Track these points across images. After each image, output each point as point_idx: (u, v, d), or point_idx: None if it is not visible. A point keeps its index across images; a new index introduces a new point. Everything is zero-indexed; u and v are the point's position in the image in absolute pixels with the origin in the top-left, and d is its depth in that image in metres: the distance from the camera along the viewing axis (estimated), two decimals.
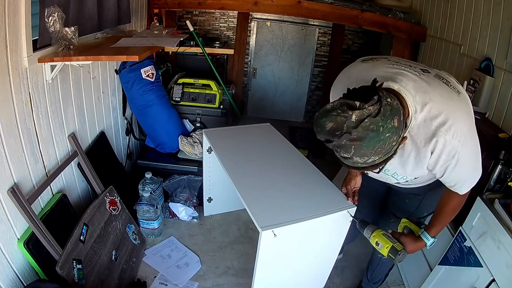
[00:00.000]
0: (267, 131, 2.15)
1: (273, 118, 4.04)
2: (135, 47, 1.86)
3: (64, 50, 1.51)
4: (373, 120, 0.81)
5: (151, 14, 2.75)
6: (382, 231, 1.25)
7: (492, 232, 1.34)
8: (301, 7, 2.74)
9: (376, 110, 0.81)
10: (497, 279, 1.29)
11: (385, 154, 0.88)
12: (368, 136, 0.82)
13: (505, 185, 1.49)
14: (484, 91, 1.96)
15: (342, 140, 0.83)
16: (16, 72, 1.29)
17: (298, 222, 1.34)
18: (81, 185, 1.91)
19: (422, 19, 2.84)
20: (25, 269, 1.41)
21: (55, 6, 1.38)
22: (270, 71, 4.06)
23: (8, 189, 1.29)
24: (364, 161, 0.88)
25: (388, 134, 0.84)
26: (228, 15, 3.78)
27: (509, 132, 1.75)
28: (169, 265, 1.95)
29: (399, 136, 0.87)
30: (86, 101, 1.91)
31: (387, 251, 1.20)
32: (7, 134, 1.27)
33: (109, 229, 1.74)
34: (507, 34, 1.85)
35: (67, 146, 1.73)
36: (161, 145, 2.49)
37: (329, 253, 1.64)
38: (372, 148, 0.84)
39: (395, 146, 0.88)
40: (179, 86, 2.67)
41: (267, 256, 1.38)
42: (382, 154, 0.87)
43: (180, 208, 2.27)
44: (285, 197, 1.50)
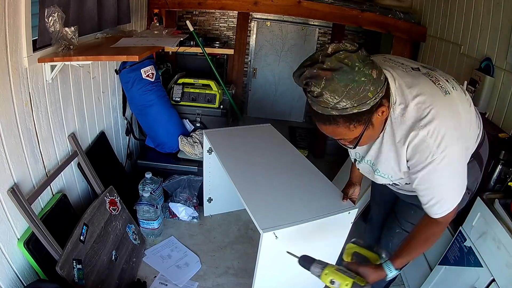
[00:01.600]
0: (268, 132, 2.15)
1: (273, 118, 4.04)
2: (135, 47, 1.86)
3: (64, 50, 1.51)
4: (348, 54, 0.79)
5: (151, 14, 2.75)
6: (334, 266, 1.04)
7: (492, 232, 1.34)
8: (301, 7, 2.74)
9: (355, 49, 0.80)
10: (497, 279, 1.29)
11: (359, 102, 0.82)
12: (341, 68, 0.78)
13: (505, 185, 1.50)
14: (484, 91, 1.96)
15: (314, 69, 0.81)
16: (16, 72, 1.29)
17: (299, 224, 1.34)
18: (81, 185, 1.91)
19: (422, 19, 2.84)
20: (25, 269, 1.41)
21: (55, 6, 1.38)
22: (270, 71, 4.06)
23: (8, 189, 1.29)
24: (334, 103, 0.82)
25: (363, 78, 0.80)
26: (228, 15, 3.78)
27: (509, 132, 1.75)
28: (169, 265, 1.95)
29: (376, 90, 0.83)
30: (86, 101, 1.91)
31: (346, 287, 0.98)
32: (7, 134, 1.27)
33: (109, 229, 1.74)
34: (507, 34, 1.85)
35: (67, 146, 1.73)
36: (161, 145, 2.49)
37: (330, 254, 1.64)
38: (344, 85, 0.79)
39: (370, 99, 0.82)
40: (179, 86, 2.67)
41: (268, 257, 1.38)
42: (354, 101, 0.81)
43: (180, 208, 2.27)
44: (285, 198, 1.50)
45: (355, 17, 2.75)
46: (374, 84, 0.82)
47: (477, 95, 2.01)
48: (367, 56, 0.83)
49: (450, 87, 0.97)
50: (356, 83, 0.80)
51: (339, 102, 0.81)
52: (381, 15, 2.75)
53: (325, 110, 0.84)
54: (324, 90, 0.81)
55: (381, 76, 0.86)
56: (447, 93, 0.94)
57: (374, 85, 0.82)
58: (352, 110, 0.83)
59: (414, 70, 1.00)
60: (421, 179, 0.96)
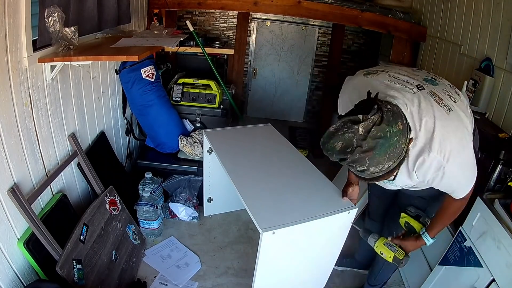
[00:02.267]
0: (268, 132, 2.15)
1: (273, 118, 4.04)
2: (135, 47, 1.86)
3: (64, 50, 1.51)
4: (378, 128, 0.85)
5: (151, 14, 2.75)
6: (384, 239, 1.32)
7: (492, 232, 1.34)
8: (301, 7, 2.74)
9: (379, 118, 0.85)
10: (497, 279, 1.29)
11: (398, 157, 0.92)
12: (378, 144, 0.86)
13: (505, 185, 1.49)
14: (484, 91, 1.96)
15: (355, 154, 0.87)
16: (16, 72, 1.29)
17: (299, 223, 1.34)
18: (81, 185, 1.91)
19: (422, 19, 2.84)
20: (25, 269, 1.41)
21: (55, 6, 1.38)
22: (270, 71, 4.06)
23: (8, 189, 1.29)
24: (380, 169, 0.91)
25: (396, 137, 0.88)
26: (228, 15, 3.78)
27: (509, 132, 1.75)
28: (169, 265, 1.95)
29: (406, 138, 0.92)
30: (86, 101, 1.91)
31: (391, 260, 1.30)
32: (7, 134, 1.27)
33: (109, 229, 1.74)
34: (507, 34, 1.85)
35: (67, 146, 1.73)
36: (161, 145, 2.49)
37: (329, 254, 1.64)
38: (384, 154, 0.88)
39: (404, 148, 0.92)
40: (179, 86, 2.67)
41: (268, 257, 1.38)
42: (395, 158, 0.91)
43: (180, 208, 2.27)
44: (285, 198, 1.50)
45: (355, 17, 2.75)
46: (404, 134, 0.90)
47: (477, 95, 2.01)
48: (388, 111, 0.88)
49: (451, 102, 1.05)
50: (392, 146, 0.88)
51: (383, 167, 0.91)
52: (381, 15, 2.75)
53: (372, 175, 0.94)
54: (369, 166, 0.89)
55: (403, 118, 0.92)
56: (450, 110, 1.02)
57: (404, 135, 0.90)
58: (394, 164, 0.93)
59: (419, 89, 1.05)
60: (437, 184, 1.08)
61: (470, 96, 2.03)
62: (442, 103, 1.02)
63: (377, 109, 0.85)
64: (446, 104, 1.02)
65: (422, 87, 1.05)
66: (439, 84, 1.11)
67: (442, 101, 1.03)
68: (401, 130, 0.89)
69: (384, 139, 0.86)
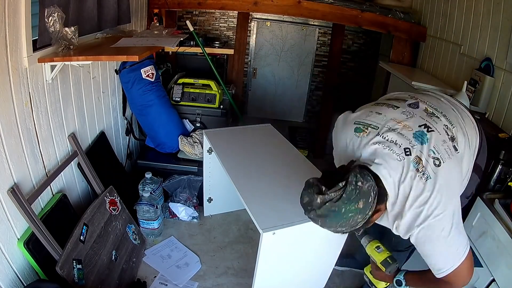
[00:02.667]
0: (267, 132, 2.15)
1: (273, 118, 4.04)
2: (135, 47, 1.86)
3: (64, 50, 1.51)
4: (334, 204, 0.94)
5: (151, 14, 2.75)
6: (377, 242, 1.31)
7: (492, 232, 1.34)
8: (301, 7, 2.74)
9: (338, 196, 0.94)
10: (497, 279, 1.29)
11: (351, 227, 1.00)
12: (330, 215, 0.96)
13: (505, 185, 1.50)
14: (484, 91, 1.96)
15: (311, 214, 1.00)
16: (16, 72, 1.29)
17: (299, 224, 1.34)
18: (81, 185, 1.91)
19: (422, 19, 2.84)
20: (25, 269, 1.41)
21: (55, 6, 1.38)
22: (270, 71, 4.06)
23: (8, 189, 1.29)
24: (333, 230, 1.02)
25: (350, 214, 0.96)
26: (228, 15, 3.78)
27: (509, 132, 1.75)
28: (169, 265, 1.94)
29: (365, 214, 0.98)
30: (86, 101, 1.91)
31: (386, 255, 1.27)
32: (7, 134, 1.27)
33: (109, 229, 1.74)
34: (507, 34, 1.85)
35: (67, 146, 1.73)
36: (161, 145, 2.49)
37: (329, 254, 1.64)
38: (336, 223, 0.98)
39: (360, 221, 0.99)
40: (179, 86, 2.67)
41: (268, 257, 1.38)
42: (347, 227, 1.00)
43: (180, 208, 2.27)
44: (286, 198, 1.50)
45: (355, 17, 2.75)
46: (362, 212, 0.97)
47: (477, 95, 2.01)
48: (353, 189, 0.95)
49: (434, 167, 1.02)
50: (345, 219, 0.96)
51: (336, 229, 1.01)
52: (381, 15, 2.75)
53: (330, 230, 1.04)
54: (323, 226, 1.01)
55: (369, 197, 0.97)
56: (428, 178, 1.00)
57: (362, 212, 0.97)
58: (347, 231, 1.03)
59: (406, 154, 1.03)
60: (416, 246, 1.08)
61: (470, 96, 2.03)
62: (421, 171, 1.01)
63: (340, 187, 0.95)
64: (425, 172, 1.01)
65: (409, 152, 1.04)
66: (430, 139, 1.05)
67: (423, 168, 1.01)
68: (360, 209, 0.96)
69: (337, 213, 0.95)
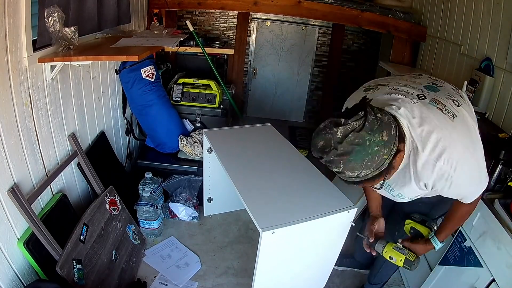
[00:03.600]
0: (267, 131, 2.15)
1: (273, 118, 4.04)
2: (135, 47, 1.86)
3: (64, 50, 1.51)
4: (357, 134, 0.84)
5: (151, 14, 2.75)
6: (392, 244, 1.30)
7: (492, 232, 1.34)
8: (301, 7, 2.74)
9: (361, 125, 0.85)
10: (497, 279, 1.29)
11: (377, 167, 0.90)
12: (354, 150, 0.85)
13: (505, 185, 1.49)
14: (484, 91, 1.96)
15: (331, 156, 0.88)
16: (16, 72, 1.29)
17: (299, 223, 1.34)
18: (81, 185, 1.91)
19: (422, 19, 2.84)
20: (25, 269, 1.41)
21: (55, 6, 1.38)
22: (270, 71, 4.06)
23: (8, 189, 1.29)
24: (356, 175, 0.90)
25: (376, 147, 0.86)
26: (228, 15, 3.78)
27: (509, 132, 1.75)
28: (169, 265, 1.94)
29: (390, 149, 0.89)
30: (86, 101, 1.91)
31: (402, 263, 1.28)
32: (7, 134, 1.27)
33: (109, 229, 1.74)
34: (507, 34, 1.85)
35: (67, 146, 1.73)
36: (161, 145, 2.49)
37: (329, 254, 1.64)
38: (360, 161, 0.87)
39: (386, 159, 0.89)
40: (179, 86, 2.67)
41: (268, 256, 1.38)
42: (373, 168, 0.89)
43: (180, 208, 2.27)
44: (285, 197, 1.50)
45: (355, 17, 2.75)
46: (387, 146, 0.88)
47: (477, 95, 2.01)
48: (375, 119, 0.86)
49: (455, 106, 1.02)
50: (370, 155, 0.87)
51: (360, 173, 0.90)
52: (381, 15, 2.76)
53: (350, 179, 0.94)
54: (344, 169, 0.89)
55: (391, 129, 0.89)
56: (454, 116, 0.99)
57: (387, 146, 0.88)
58: (373, 174, 0.91)
59: (420, 99, 1.02)
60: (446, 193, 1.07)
61: (470, 96, 2.03)
62: (446, 110, 0.99)
63: (361, 116, 0.85)
64: (449, 110, 1.00)
65: (423, 96, 1.02)
66: (441, 90, 1.08)
67: (445, 107, 1.00)
68: (385, 141, 0.87)
69: (361, 146, 0.85)
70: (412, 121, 0.97)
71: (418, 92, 1.05)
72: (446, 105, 1.01)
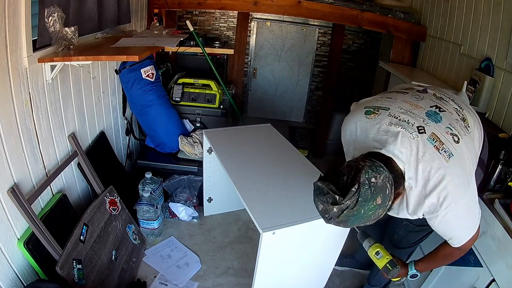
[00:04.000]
0: (267, 132, 2.15)
1: (273, 118, 4.04)
2: (135, 47, 1.86)
3: (64, 50, 1.51)
4: (351, 210, 0.91)
5: (151, 14, 2.75)
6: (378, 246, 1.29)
7: (492, 232, 1.34)
8: (301, 7, 2.74)
9: (354, 202, 0.90)
10: (497, 279, 1.29)
11: (375, 219, 0.97)
12: (350, 219, 0.93)
13: (505, 185, 1.50)
14: (484, 91, 1.96)
15: (331, 222, 0.97)
16: (16, 72, 1.29)
17: (299, 224, 1.34)
18: (81, 185, 1.91)
19: (422, 19, 2.84)
20: (25, 269, 1.41)
21: (55, 6, 1.38)
22: (270, 71, 4.06)
23: (8, 189, 1.29)
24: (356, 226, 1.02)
25: (370, 212, 0.92)
26: (228, 15, 3.78)
27: (509, 132, 1.75)
28: (169, 265, 1.95)
29: (386, 206, 0.95)
30: (86, 101, 1.91)
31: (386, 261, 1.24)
32: (7, 134, 1.27)
33: (109, 229, 1.74)
34: (507, 34, 1.85)
35: (67, 146, 1.73)
36: (161, 145, 2.49)
37: (329, 254, 1.64)
38: (358, 223, 0.95)
39: (382, 213, 0.96)
40: (179, 86, 2.67)
41: (268, 257, 1.38)
42: (371, 221, 0.97)
43: (180, 208, 2.27)
44: (285, 198, 1.50)
45: (355, 17, 2.75)
46: (382, 206, 0.94)
47: (477, 95, 2.01)
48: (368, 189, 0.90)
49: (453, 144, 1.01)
50: (366, 217, 0.93)
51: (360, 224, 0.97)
52: (381, 15, 2.75)
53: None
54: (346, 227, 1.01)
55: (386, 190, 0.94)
56: (450, 155, 0.99)
57: (382, 207, 0.94)
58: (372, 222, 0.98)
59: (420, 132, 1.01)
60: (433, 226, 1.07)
61: (470, 96, 2.03)
62: (443, 149, 0.99)
63: (354, 192, 0.90)
64: (446, 149, 0.99)
65: (423, 130, 1.01)
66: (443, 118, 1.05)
67: (442, 145, 0.99)
68: (379, 205, 0.93)
69: (357, 216, 0.92)
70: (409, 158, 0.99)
71: (418, 123, 1.03)
72: (444, 144, 1.00)
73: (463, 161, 1.02)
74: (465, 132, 1.07)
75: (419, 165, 0.98)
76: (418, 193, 1.01)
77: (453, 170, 0.99)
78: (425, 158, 0.98)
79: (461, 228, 1.07)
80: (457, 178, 0.99)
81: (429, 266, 1.27)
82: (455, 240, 1.09)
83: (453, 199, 0.98)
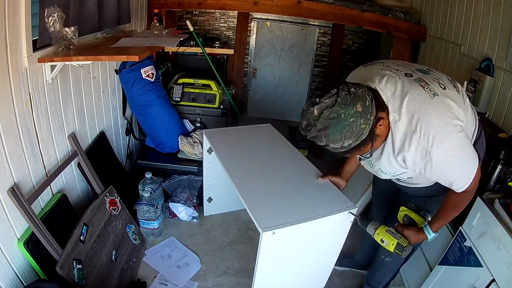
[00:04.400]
0: (267, 132, 2.15)
1: (273, 118, 4.04)
2: (135, 47, 1.86)
3: (64, 50, 1.51)
4: (331, 110, 0.95)
5: (151, 14, 2.75)
6: (385, 227, 1.29)
7: (492, 232, 1.34)
8: (301, 7, 2.74)
9: (333, 101, 0.95)
10: (497, 279, 1.29)
11: (357, 137, 0.98)
12: (331, 124, 0.95)
13: (505, 185, 1.50)
14: (484, 91, 1.96)
15: (312, 132, 0.99)
16: (16, 72, 1.29)
17: (299, 223, 1.34)
18: (81, 185, 1.91)
19: (422, 19, 2.84)
20: (25, 269, 1.41)
21: (55, 6, 1.38)
22: (270, 71, 4.06)
23: (8, 189, 1.29)
24: (339, 146, 1.00)
25: (351, 119, 0.95)
26: (228, 15, 3.78)
27: (509, 132, 1.75)
28: (169, 265, 1.95)
29: (367, 118, 0.97)
30: (86, 101, 1.91)
31: (393, 247, 1.24)
32: (7, 134, 1.27)
33: (109, 229, 1.74)
34: (507, 34, 1.85)
35: (67, 146, 1.73)
36: (161, 145, 2.49)
37: (329, 254, 1.64)
38: (339, 133, 0.96)
39: (365, 128, 0.97)
40: (179, 86, 2.67)
41: (268, 257, 1.38)
42: (354, 137, 0.98)
43: (180, 208, 2.27)
44: (285, 198, 1.50)
45: (355, 17, 2.75)
46: (363, 116, 0.96)
47: (477, 95, 2.01)
48: (348, 94, 0.95)
49: (439, 88, 1.05)
50: (348, 126, 0.95)
51: (343, 144, 0.99)
52: (381, 15, 2.75)
53: (336, 150, 1.03)
54: (327, 142, 1.00)
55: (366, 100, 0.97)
56: (435, 94, 1.02)
57: (363, 116, 0.96)
58: (356, 143, 1.00)
59: (407, 76, 1.07)
60: (430, 173, 1.07)
61: (470, 96, 2.03)
62: (428, 88, 1.03)
63: (333, 93, 0.95)
64: (431, 89, 1.03)
65: (410, 75, 1.07)
66: (431, 74, 1.11)
67: (428, 86, 1.04)
68: (359, 112, 0.94)
69: (337, 119, 0.94)
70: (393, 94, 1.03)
71: (407, 71, 1.09)
72: (429, 85, 1.04)
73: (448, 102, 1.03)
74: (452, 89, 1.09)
75: (404, 99, 1.01)
76: (404, 129, 1.02)
77: (438, 107, 1.01)
78: (410, 92, 1.02)
79: (460, 169, 1.07)
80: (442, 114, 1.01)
81: (444, 221, 1.26)
82: (458, 184, 1.08)
83: (443, 137, 0.99)
